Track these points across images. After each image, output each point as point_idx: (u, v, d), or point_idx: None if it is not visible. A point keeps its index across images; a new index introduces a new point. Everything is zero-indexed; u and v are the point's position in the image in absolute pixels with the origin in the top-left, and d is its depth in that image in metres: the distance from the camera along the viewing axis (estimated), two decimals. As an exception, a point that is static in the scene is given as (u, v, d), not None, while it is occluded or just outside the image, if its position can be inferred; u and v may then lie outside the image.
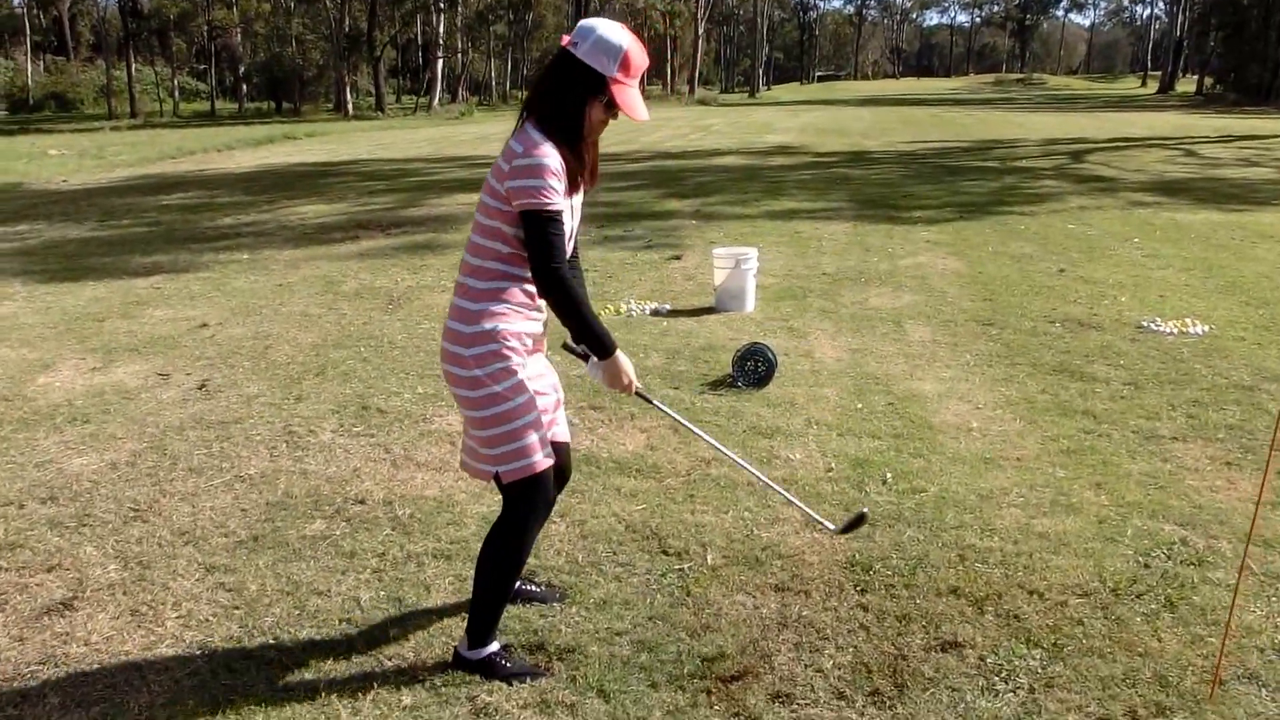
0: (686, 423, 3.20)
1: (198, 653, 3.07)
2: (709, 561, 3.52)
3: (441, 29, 53.99)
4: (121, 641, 3.16)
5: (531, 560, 3.55)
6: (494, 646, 2.93)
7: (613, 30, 2.66)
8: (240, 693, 2.86)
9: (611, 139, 24.71)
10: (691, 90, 62.50)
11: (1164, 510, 3.91)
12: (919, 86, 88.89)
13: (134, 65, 55.97)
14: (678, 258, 9.50)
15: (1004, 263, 8.95)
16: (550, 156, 2.61)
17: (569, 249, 2.80)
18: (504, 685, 2.85)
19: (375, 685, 2.86)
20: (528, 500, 2.79)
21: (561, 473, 3.06)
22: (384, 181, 17.01)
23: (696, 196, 13.59)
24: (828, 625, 3.11)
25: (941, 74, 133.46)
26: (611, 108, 2.68)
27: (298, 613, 3.28)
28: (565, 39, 2.70)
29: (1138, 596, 3.26)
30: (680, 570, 3.46)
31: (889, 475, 4.24)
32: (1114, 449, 4.57)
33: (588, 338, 2.77)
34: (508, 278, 2.71)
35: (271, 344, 6.70)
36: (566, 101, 2.66)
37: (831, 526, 3.33)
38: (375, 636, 3.11)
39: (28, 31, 62.57)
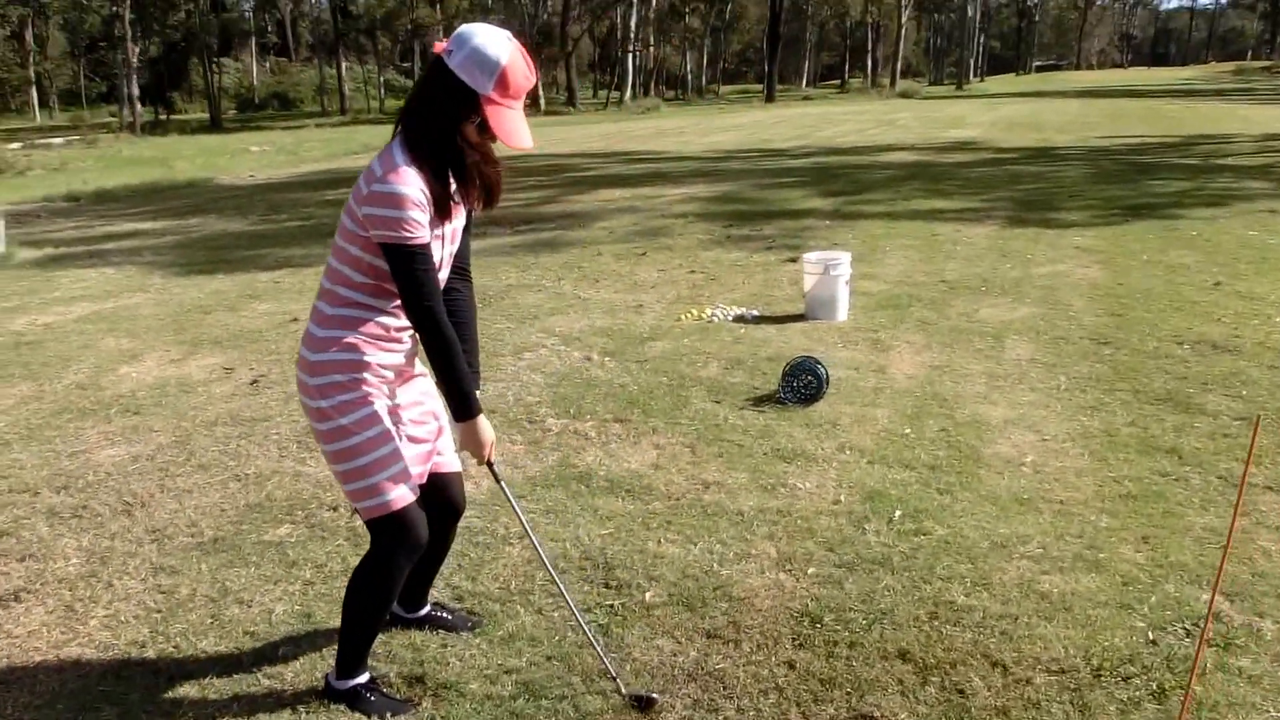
0: (519, 511, 2.88)
1: (97, 656, 3.06)
2: (646, 598, 3.26)
3: (633, 23, 54.50)
4: (42, 637, 3.19)
5: (464, 584, 3.39)
6: (362, 678, 2.78)
7: (492, 40, 2.35)
8: (111, 701, 2.81)
9: (778, 135, 24.27)
10: (893, 82, 60.70)
11: (1211, 575, 3.37)
12: (1147, 77, 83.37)
13: (344, 64, 59.13)
14: (794, 260, 9.12)
15: (1153, 273, 8.14)
16: (409, 185, 2.36)
17: (445, 275, 2.62)
18: (364, 718, 2.70)
19: (240, 705, 2.76)
20: (390, 538, 2.61)
21: (450, 506, 2.88)
22: (538, 176, 17.21)
23: (843, 195, 13.09)
24: (740, 683, 2.80)
25: (1177, 62, 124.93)
26: (485, 130, 2.40)
27: (210, 621, 3.23)
28: (439, 45, 2.41)
29: (1123, 680, 2.79)
30: (612, 606, 3.22)
31: (898, 513, 3.84)
32: (1186, 496, 4.00)
33: (449, 393, 2.53)
34: (359, 306, 2.53)
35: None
36: (435, 120, 2.39)
37: (623, 690, 2.75)
38: (267, 654, 3.02)
39: (253, 34, 67.09)
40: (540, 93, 51.87)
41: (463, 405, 2.54)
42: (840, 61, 72.26)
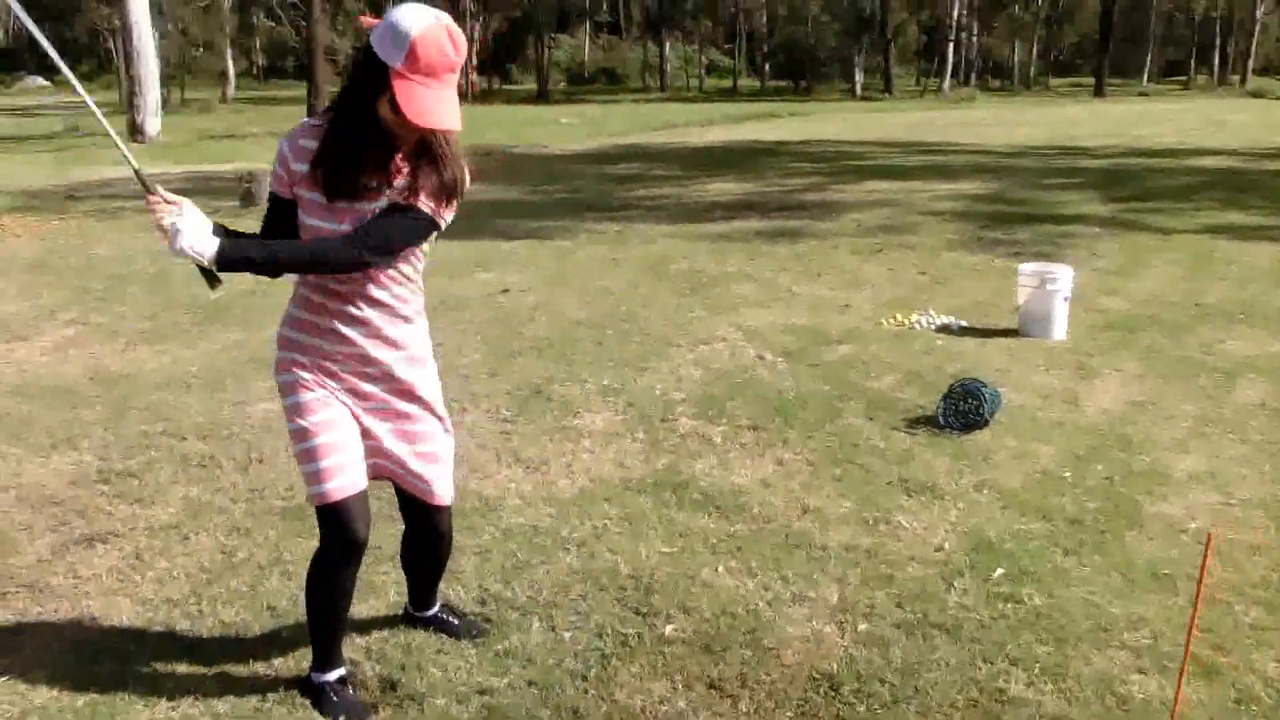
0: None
1: (131, 610, 3.17)
2: (666, 631, 2.98)
3: (955, 11, 52.01)
4: (98, 583, 3.35)
5: (495, 586, 3.24)
6: (332, 675, 2.69)
7: (409, 14, 2.21)
8: (115, 657, 2.89)
9: (1087, 132, 22.37)
10: (1244, 80, 54.45)
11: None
12: None
13: (668, 44, 60.34)
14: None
15: None
16: (287, 140, 2.38)
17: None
18: (319, 717, 2.61)
19: (216, 685, 2.76)
20: (326, 529, 2.51)
21: (427, 528, 2.74)
22: (815, 163, 16.76)
23: (1126, 201, 11.81)
24: (712, 747, 2.48)
25: None
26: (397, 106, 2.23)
27: (245, 590, 3.28)
28: (366, 19, 2.34)
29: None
30: (624, 635, 2.96)
31: (999, 571, 3.33)
32: (1390, 599, 3.21)
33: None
34: (298, 282, 2.46)
35: (539, 315, 6.82)
36: (351, 93, 2.31)
37: None
38: (277, 634, 3.01)
39: (588, 12, 69.77)
40: (857, 77, 50.76)
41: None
42: (1186, 57, 65.71)
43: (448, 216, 2.43)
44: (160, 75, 41.19)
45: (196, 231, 2.29)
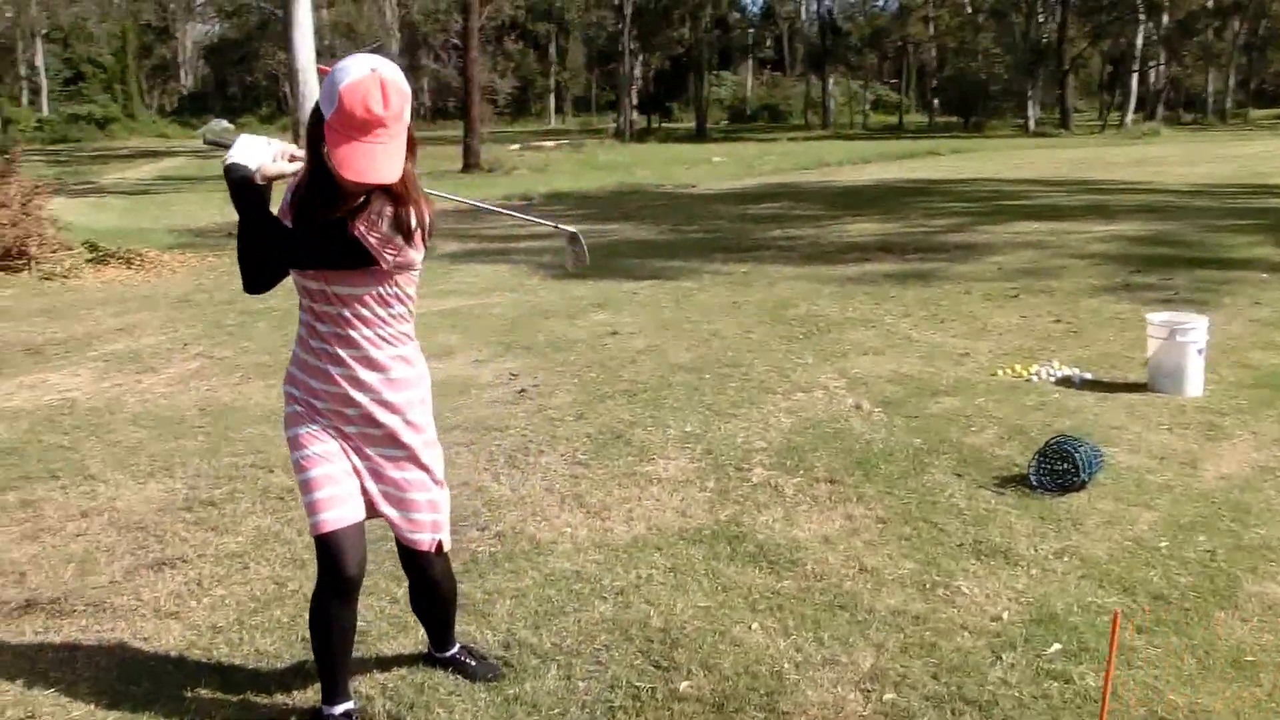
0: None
1: (180, 633, 3.35)
2: (680, 688, 2.96)
3: (1139, 40, 50.04)
4: (156, 606, 3.55)
5: (524, 632, 3.29)
6: (338, 708, 2.79)
7: (347, 66, 2.35)
8: (151, 678, 3.06)
9: (1275, 169, 21.12)
10: None
11: None
12: None
13: (831, 79, 60.13)
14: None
15: None
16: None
17: (312, 285, 2.59)
18: (321, 750, 2.72)
19: (232, 710, 2.89)
20: (320, 562, 2.62)
21: (416, 572, 2.84)
22: (965, 202, 16.41)
23: (1309, 244, 11.11)
24: (699, 812, 2.46)
25: None
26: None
27: (285, 622, 3.41)
28: (322, 67, 2.50)
29: None
30: (638, 689, 2.96)
31: (1056, 647, 3.18)
32: None
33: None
34: (302, 310, 2.59)
35: (642, 358, 6.89)
36: (309, 140, 2.45)
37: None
38: (303, 666, 3.12)
39: (751, 50, 70.32)
40: (1030, 112, 49.43)
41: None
42: None
43: (411, 255, 2.54)
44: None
45: (252, 149, 2.50)
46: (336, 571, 2.60)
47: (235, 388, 6.45)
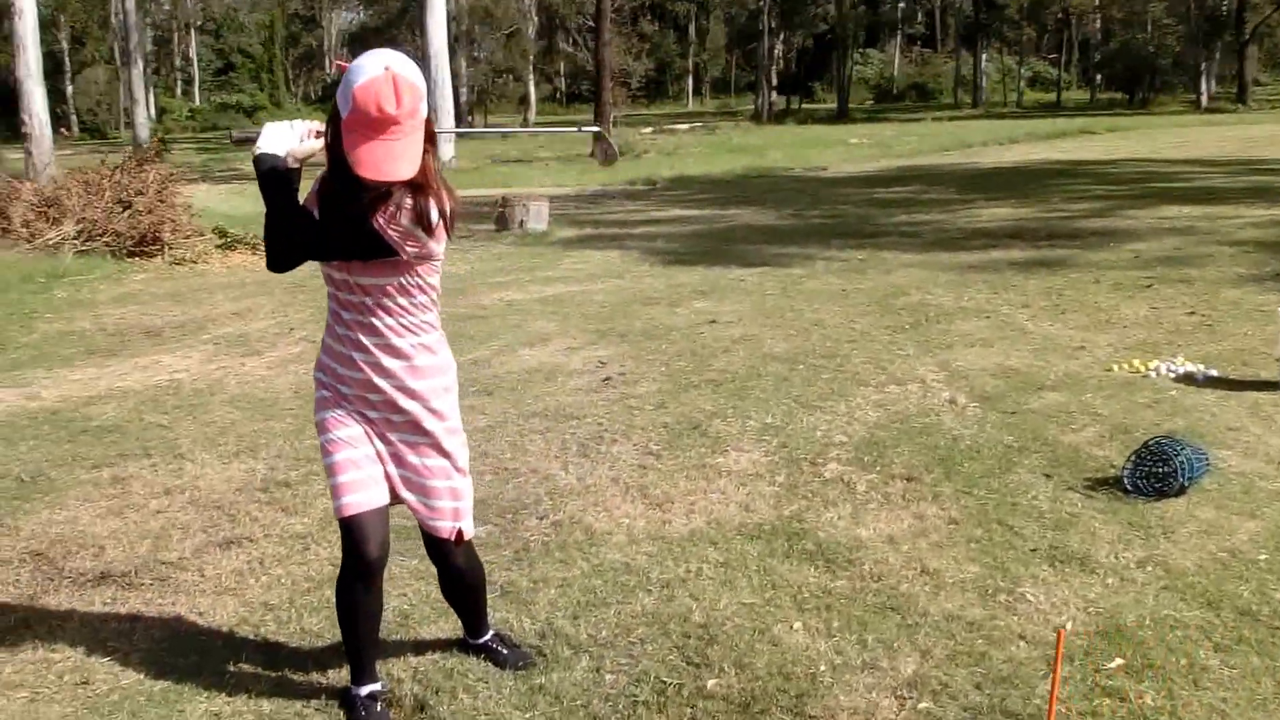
0: None
1: (234, 609, 3.51)
2: (708, 685, 2.96)
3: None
4: (217, 583, 3.72)
5: (562, 622, 3.33)
6: (364, 689, 2.88)
7: (363, 64, 2.41)
8: (200, 651, 3.22)
9: None
10: None
11: None
12: None
13: (984, 56, 58.35)
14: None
15: None
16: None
17: (339, 276, 2.69)
18: (345, 727, 2.82)
19: (268, 686, 3.02)
20: (343, 544, 2.72)
21: (440, 560, 2.90)
22: (1111, 185, 15.77)
23: None
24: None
25: None
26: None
27: (331, 603, 3.52)
28: (340, 62, 2.54)
29: None
30: (664, 685, 2.97)
31: (1117, 661, 3.05)
32: None
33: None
34: (329, 298, 2.68)
35: (736, 347, 6.87)
36: (330, 135, 2.54)
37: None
38: (337, 650, 3.23)
39: (899, 26, 68.82)
40: (1203, 87, 47.05)
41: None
42: None
43: (432, 247, 2.59)
44: (465, 102, 44.51)
45: (277, 135, 2.59)
46: (358, 555, 2.70)
47: (330, 371, 6.67)
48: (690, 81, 70.52)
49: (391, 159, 2.41)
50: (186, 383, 6.55)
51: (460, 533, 2.85)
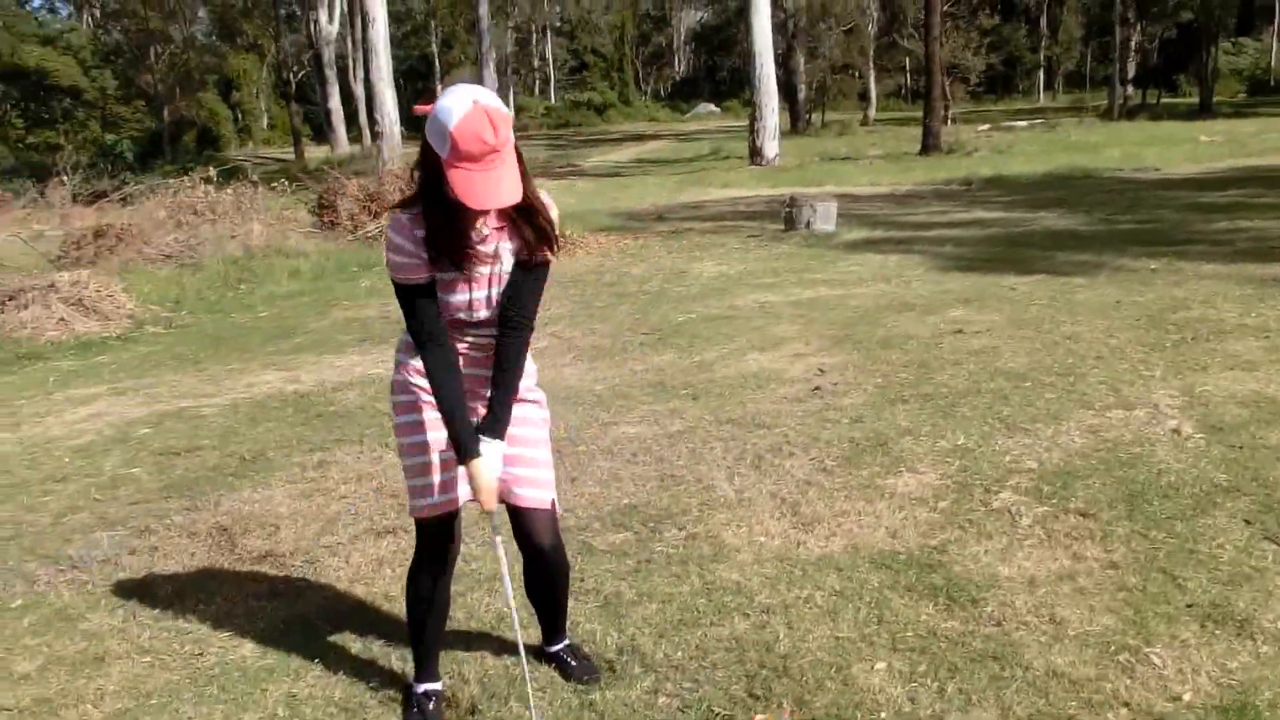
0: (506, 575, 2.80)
1: (336, 592, 3.74)
2: (785, 712, 2.84)
3: None
4: (338, 574, 3.98)
5: (644, 640, 3.31)
6: (420, 687, 2.99)
7: (448, 104, 2.45)
8: (293, 631, 3.47)
9: None
10: None
11: None
12: None
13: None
14: None
15: None
16: (394, 228, 2.62)
17: (482, 315, 2.74)
18: (398, 721, 2.95)
19: (361, 672, 3.20)
20: (417, 543, 2.86)
21: (527, 541, 2.92)
22: None
23: None
24: None
25: None
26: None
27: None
28: (419, 106, 2.57)
29: None
30: (714, 714, 2.88)
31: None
32: None
33: (447, 426, 2.66)
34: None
35: (969, 360, 6.48)
36: (425, 181, 2.57)
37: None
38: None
39: (1277, 11, 61.60)
40: None
41: (458, 445, 2.61)
42: None
43: (554, 255, 2.72)
44: (804, 99, 44.40)
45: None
46: (430, 552, 2.87)
47: (559, 368, 6.93)
48: (1041, 76, 66.62)
49: (497, 186, 2.48)
50: (436, 374, 6.99)
51: (553, 502, 2.92)
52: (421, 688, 3.00)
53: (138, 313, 10.16)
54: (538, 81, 69.74)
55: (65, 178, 19.13)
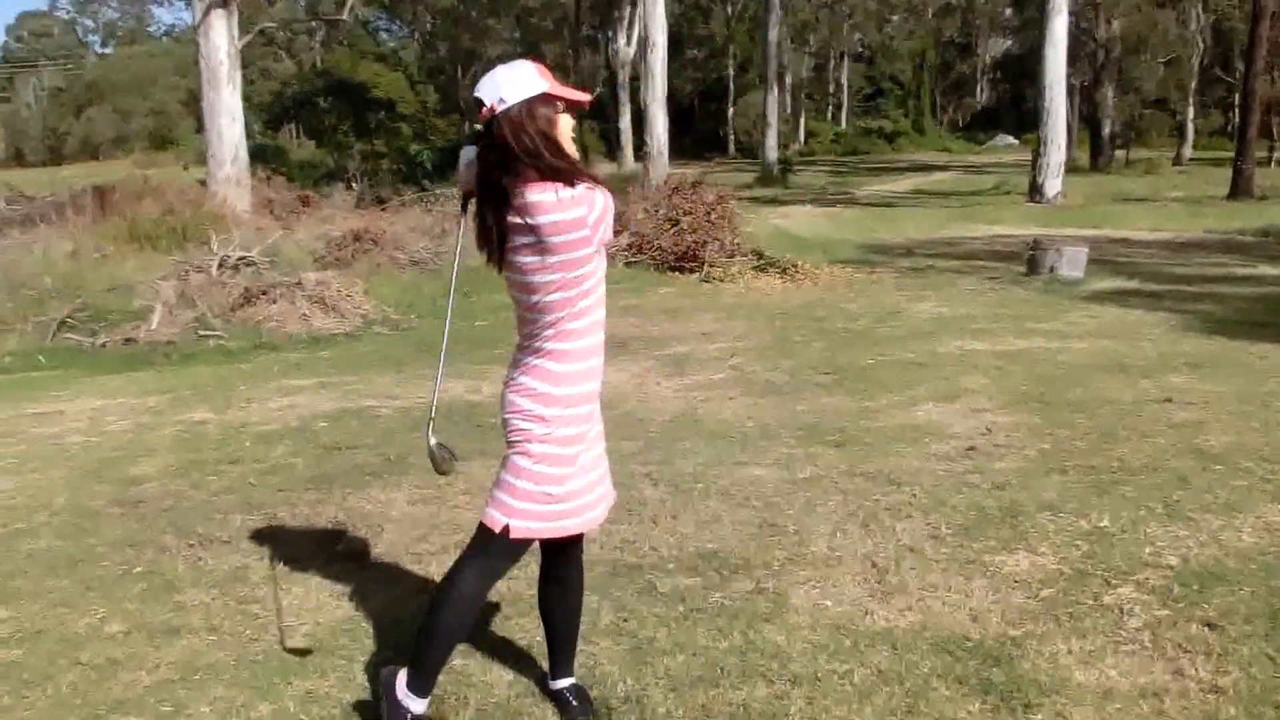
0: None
1: (411, 598, 3.81)
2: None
3: None
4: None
5: (655, 693, 3.19)
6: (415, 705, 2.94)
7: (507, 70, 2.68)
8: (352, 637, 3.57)
9: None
10: None
11: None
12: None
13: None
14: None
15: None
16: (602, 193, 2.68)
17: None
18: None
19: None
20: (489, 549, 2.87)
21: (563, 566, 3.02)
22: None
23: None
24: None
25: None
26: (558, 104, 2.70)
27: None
28: (486, 111, 2.64)
29: None
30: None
31: None
32: None
33: None
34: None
35: (1166, 435, 5.81)
36: (540, 147, 2.64)
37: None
38: (467, 654, 3.39)
39: None
40: None
41: None
42: None
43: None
44: (1107, 134, 41.90)
45: None
46: (501, 568, 2.89)
47: (721, 401, 6.81)
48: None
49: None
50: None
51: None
52: (417, 707, 2.93)
53: (371, 313, 10.85)
54: (830, 107, 69.41)
55: (354, 184, 20.72)
